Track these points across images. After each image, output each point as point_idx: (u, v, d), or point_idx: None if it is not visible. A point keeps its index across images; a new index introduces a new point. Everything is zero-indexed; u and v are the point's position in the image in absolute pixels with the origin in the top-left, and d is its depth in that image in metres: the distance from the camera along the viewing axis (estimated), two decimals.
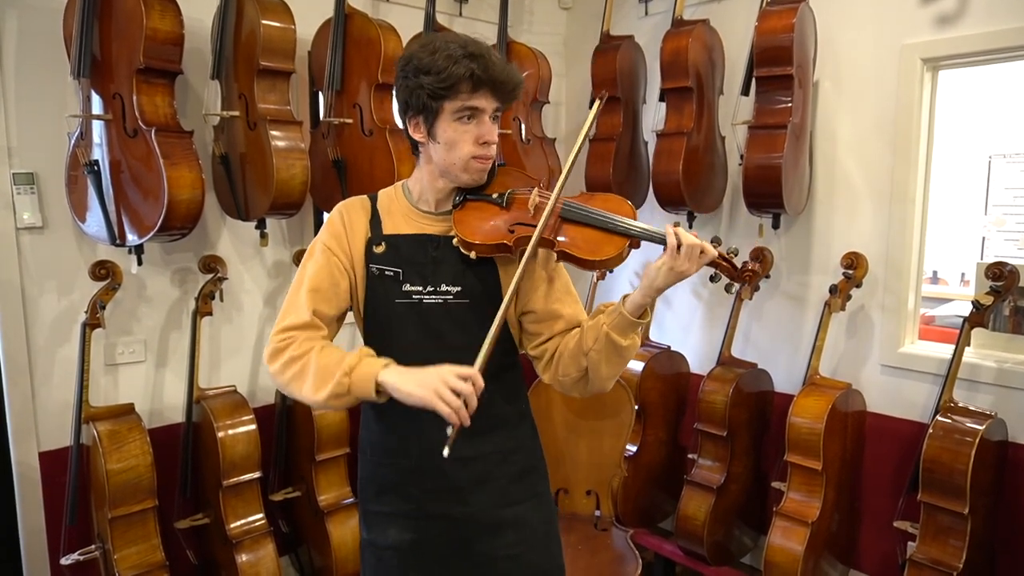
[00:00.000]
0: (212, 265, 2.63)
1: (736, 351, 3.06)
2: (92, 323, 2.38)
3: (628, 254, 1.42)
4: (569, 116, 3.80)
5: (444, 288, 1.45)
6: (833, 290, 2.69)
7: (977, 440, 2.25)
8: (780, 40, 2.56)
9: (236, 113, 2.49)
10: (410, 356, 1.37)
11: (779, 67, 2.59)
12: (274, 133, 2.44)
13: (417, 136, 1.44)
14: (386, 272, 1.46)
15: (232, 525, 2.55)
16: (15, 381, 2.39)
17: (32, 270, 2.40)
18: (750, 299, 2.96)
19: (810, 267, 2.96)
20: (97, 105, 2.27)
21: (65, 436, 2.45)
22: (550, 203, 1.39)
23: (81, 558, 2.39)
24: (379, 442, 1.54)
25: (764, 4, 2.73)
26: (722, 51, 3.00)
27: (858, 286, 2.72)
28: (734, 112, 2.92)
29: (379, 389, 1.31)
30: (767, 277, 2.96)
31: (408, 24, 2.90)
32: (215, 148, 2.58)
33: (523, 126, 3.10)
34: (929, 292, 4.37)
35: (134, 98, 2.19)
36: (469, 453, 1.44)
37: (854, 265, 2.67)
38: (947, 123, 2.89)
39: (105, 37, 2.22)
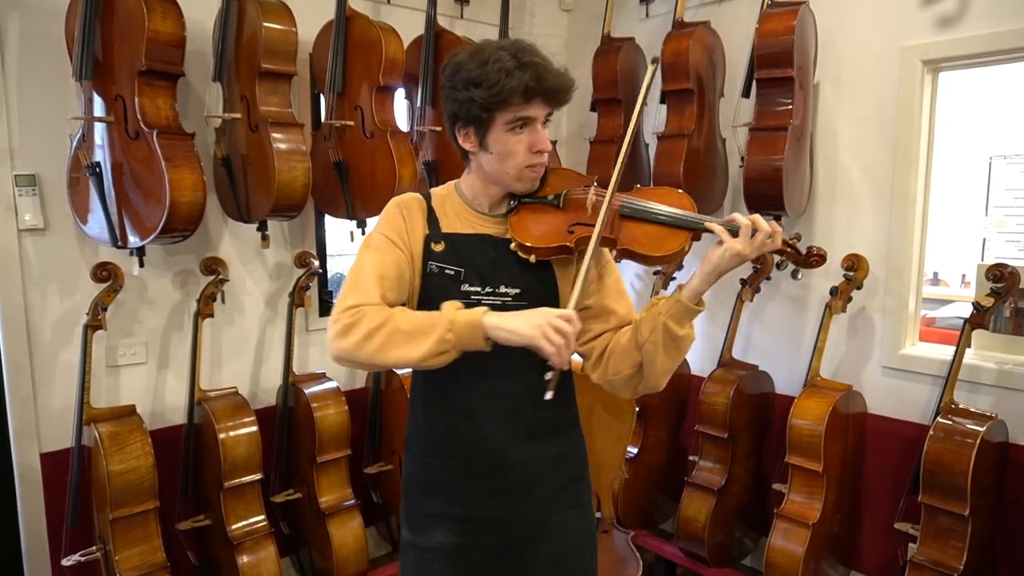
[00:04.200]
0: (213, 267, 2.64)
1: (737, 353, 3.06)
2: (94, 325, 2.39)
3: (690, 248, 1.39)
4: (570, 118, 3.80)
5: (503, 289, 1.43)
6: (834, 292, 2.69)
7: (978, 441, 2.25)
8: (781, 42, 2.57)
9: (238, 115, 2.50)
10: (467, 356, 1.33)
11: (780, 69, 2.60)
12: (275, 135, 2.45)
13: (467, 146, 1.42)
14: (446, 271, 1.43)
15: (233, 526, 2.55)
16: (17, 382, 2.40)
17: (34, 272, 2.40)
18: (751, 300, 2.96)
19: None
20: (99, 107, 2.27)
21: (66, 437, 2.45)
22: (606, 201, 1.37)
23: (82, 559, 2.39)
24: (426, 436, 1.50)
25: (765, 6, 2.73)
26: (723, 53, 3.00)
27: (859, 288, 2.72)
28: (735, 114, 2.92)
29: (486, 335, 1.28)
30: (767, 279, 2.94)
31: (409, 26, 2.91)
32: (216, 150, 2.59)
33: None
34: (930, 294, 4.37)
35: (136, 100, 2.20)
36: (521, 456, 1.42)
37: (855, 267, 2.67)
38: (947, 124, 2.89)
39: (107, 39, 2.22)
